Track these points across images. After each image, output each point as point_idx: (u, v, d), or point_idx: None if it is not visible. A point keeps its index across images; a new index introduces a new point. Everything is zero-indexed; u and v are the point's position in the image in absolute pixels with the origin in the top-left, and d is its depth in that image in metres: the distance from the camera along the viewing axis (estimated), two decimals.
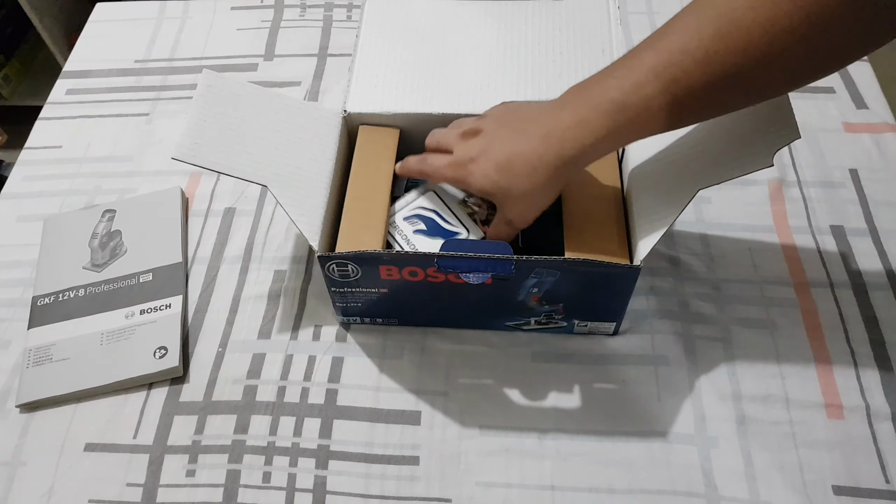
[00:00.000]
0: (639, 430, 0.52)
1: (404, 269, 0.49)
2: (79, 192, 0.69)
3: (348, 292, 0.53)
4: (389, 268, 0.49)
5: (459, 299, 0.52)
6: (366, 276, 0.50)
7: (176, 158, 0.46)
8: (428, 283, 0.50)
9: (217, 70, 0.77)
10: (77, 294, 0.60)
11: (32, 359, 0.56)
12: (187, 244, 0.64)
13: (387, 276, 0.50)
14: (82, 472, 0.52)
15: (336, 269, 0.50)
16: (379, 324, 0.57)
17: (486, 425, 0.53)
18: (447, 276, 0.49)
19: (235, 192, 0.67)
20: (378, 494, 0.50)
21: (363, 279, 0.51)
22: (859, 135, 0.68)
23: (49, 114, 0.76)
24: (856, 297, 0.57)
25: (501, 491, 0.50)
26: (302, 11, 0.84)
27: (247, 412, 0.54)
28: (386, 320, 0.57)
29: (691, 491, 0.49)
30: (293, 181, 0.50)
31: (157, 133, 0.73)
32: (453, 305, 0.53)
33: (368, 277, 0.50)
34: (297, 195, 0.50)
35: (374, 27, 0.62)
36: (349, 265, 0.49)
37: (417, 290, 0.51)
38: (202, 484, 0.51)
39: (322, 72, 0.77)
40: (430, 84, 0.58)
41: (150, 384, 0.56)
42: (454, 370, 0.55)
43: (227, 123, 0.50)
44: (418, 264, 0.48)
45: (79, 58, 0.81)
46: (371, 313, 0.56)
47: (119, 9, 0.86)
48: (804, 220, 0.62)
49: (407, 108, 0.56)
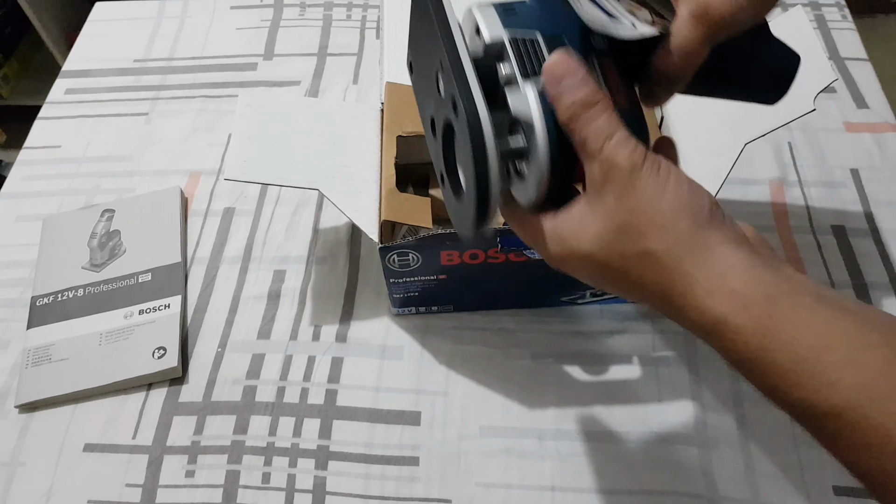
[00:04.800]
0: (639, 431, 0.51)
1: (465, 252, 0.50)
2: (78, 192, 0.68)
3: (408, 282, 0.53)
4: (450, 253, 0.50)
5: (516, 278, 0.53)
6: (426, 263, 0.51)
7: (228, 178, 0.49)
8: (487, 265, 0.51)
9: (216, 69, 0.78)
10: (76, 294, 0.59)
11: (31, 359, 0.56)
12: (186, 244, 0.64)
13: (447, 262, 0.51)
14: (81, 473, 0.52)
15: (397, 259, 0.51)
16: (434, 312, 0.58)
17: (487, 426, 0.52)
18: (507, 256, 0.50)
19: (235, 191, 0.67)
20: (378, 495, 0.50)
21: (423, 267, 0.52)
22: (860, 134, 0.68)
23: (48, 113, 0.76)
24: (857, 298, 0.57)
25: (501, 491, 0.50)
26: (301, 11, 0.83)
27: (246, 412, 0.54)
28: (442, 307, 0.57)
29: (692, 492, 0.49)
30: (343, 181, 0.52)
31: (157, 133, 0.73)
32: (510, 285, 0.54)
33: (428, 265, 0.51)
34: (348, 193, 0.51)
35: (395, 13, 0.62)
36: (410, 254, 0.50)
37: (476, 273, 0.52)
38: (201, 484, 0.51)
39: (322, 71, 0.77)
40: None
41: (150, 384, 0.56)
42: (454, 370, 0.55)
43: (271, 136, 0.52)
44: (479, 246, 0.49)
45: (78, 57, 0.81)
46: (427, 302, 0.57)
47: (118, 8, 0.86)
48: (805, 220, 0.62)
49: None
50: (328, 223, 0.65)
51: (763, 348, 0.27)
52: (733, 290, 0.28)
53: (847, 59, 0.74)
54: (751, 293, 0.28)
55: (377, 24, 0.82)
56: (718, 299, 0.28)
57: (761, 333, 0.27)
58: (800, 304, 0.28)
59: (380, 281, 0.59)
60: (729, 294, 0.28)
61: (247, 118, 0.52)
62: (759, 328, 0.28)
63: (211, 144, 0.71)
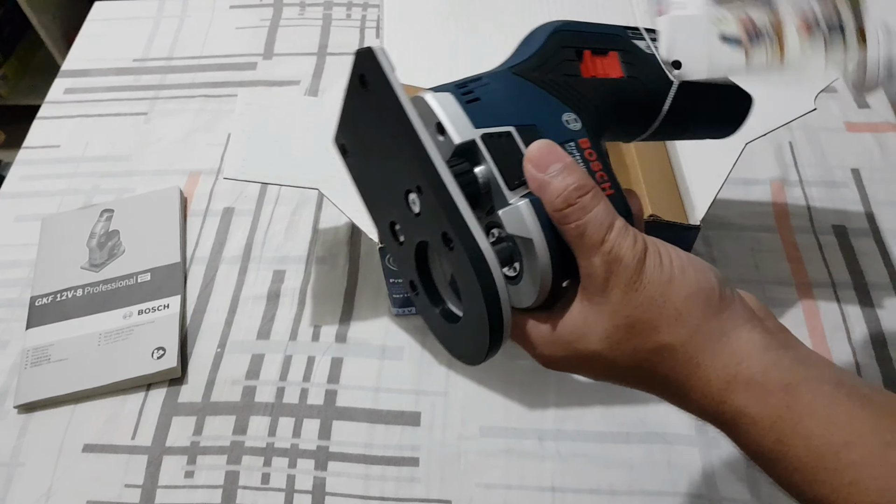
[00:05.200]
0: (640, 431, 0.51)
1: None
2: (77, 192, 0.68)
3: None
4: None
5: None
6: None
7: (227, 178, 0.48)
8: None
9: (216, 69, 0.78)
10: (75, 294, 0.59)
11: (30, 359, 0.56)
12: (186, 244, 0.64)
13: None
14: (81, 473, 0.52)
15: None
16: None
17: (487, 426, 0.52)
18: None
19: (234, 191, 0.67)
20: (378, 496, 0.50)
21: None
22: (861, 134, 0.68)
23: (47, 113, 0.75)
24: (858, 298, 0.57)
25: (502, 492, 0.49)
26: (301, 10, 0.83)
27: (246, 413, 0.54)
28: None
29: (692, 492, 0.49)
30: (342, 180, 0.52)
31: (156, 132, 0.73)
32: None
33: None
34: (348, 193, 0.50)
35: (396, 11, 0.62)
36: None
37: None
38: (201, 485, 0.51)
39: (321, 70, 0.76)
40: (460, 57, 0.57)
41: (149, 385, 0.55)
42: (454, 370, 0.55)
43: (270, 136, 0.52)
44: None
45: (77, 57, 0.81)
46: None
47: (117, 7, 0.86)
48: (806, 220, 0.62)
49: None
50: (328, 223, 0.64)
51: (781, 441, 0.26)
52: (750, 379, 0.27)
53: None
54: (768, 382, 0.27)
55: (377, 24, 0.82)
56: (735, 390, 0.27)
57: (779, 427, 0.26)
58: (819, 394, 0.26)
59: (380, 281, 0.59)
60: (745, 384, 0.27)
61: (246, 117, 0.52)
62: (777, 420, 0.26)
63: (210, 144, 0.71)
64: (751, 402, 0.27)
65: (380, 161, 0.31)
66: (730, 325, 0.28)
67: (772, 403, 0.27)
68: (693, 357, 0.28)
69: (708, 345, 0.28)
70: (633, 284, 0.28)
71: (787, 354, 0.28)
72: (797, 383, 0.27)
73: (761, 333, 0.28)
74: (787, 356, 0.27)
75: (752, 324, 0.28)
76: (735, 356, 0.27)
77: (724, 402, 0.28)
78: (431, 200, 0.27)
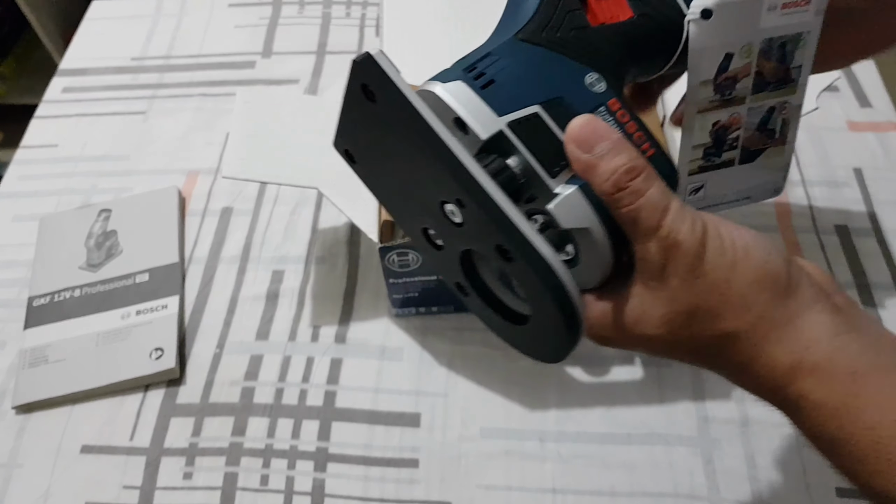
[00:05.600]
0: (641, 433, 0.51)
1: None
2: (75, 192, 0.68)
3: (408, 282, 0.53)
4: None
5: None
6: (426, 263, 0.50)
7: (226, 176, 0.48)
8: None
9: (214, 67, 0.77)
10: (73, 294, 0.59)
11: (28, 360, 0.55)
12: (184, 244, 0.63)
13: None
14: (78, 475, 0.51)
15: (396, 259, 0.49)
16: (434, 312, 0.57)
17: (487, 427, 0.52)
18: None
19: (233, 191, 0.67)
20: (377, 497, 0.49)
21: (422, 267, 0.51)
22: (864, 134, 0.67)
23: (45, 112, 0.75)
24: (860, 298, 0.57)
25: (502, 494, 0.49)
26: (300, 8, 0.83)
27: (244, 414, 0.53)
28: (442, 308, 0.57)
29: (694, 493, 0.49)
30: (342, 180, 0.51)
31: (154, 131, 0.72)
32: None
33: (428, 265, 0.50)
34: (348, 193, 0.50)
35: (396, 10, 0.61)
36: (410, 254, 0.49)
37: None
38: (199, 486, 0.50)
39: (321, 69, 0.76)
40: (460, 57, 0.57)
41: (147, 386, 0.55)
42: (454, 371, 0.55)
43: (269, 134, 0.52)
44: None
45: (75, 55, 0.80)
46: (427, 302, 0.56)
47: (116, 6, 0.86)
48: (808, 219, 0.62)
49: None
50: (327, 223, 0.64)
51: (843, 429, 0.26)
52: (815, 365, 0.26)
53: None
54: (834, 368, 0.26)
55: (377, 22, 0.81)
56: (800, 376, 0.26)
57: (843, 414, 0.26)
58: (886, 384, 0.26)
59: (379, 281, 0.59)
60: (811, 370, 0.26)
61: (245, 116, 0.52)
62: (840, 407, 0.26)
63: (209, 143, 0.71)
64: (815, 387, 0.26)
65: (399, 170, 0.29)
66: (796, 309, 0.27)
67: (837, 390, 0.26)
68: (757, 344, 0.27)
69: (773, 332, 0.26)
70: (693, 271, 0.26)
71: (857, 339, 0.26)
72: (864, 371, 0.26)
73: (830, 315, 0.27)
74: (856, 341, 0.26)
75: (820, 305, 0.27)
76: (801, 341, 0.26)
77: (787, 386, 0.26)
78: (477, 214, 0.25)
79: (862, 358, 0.26)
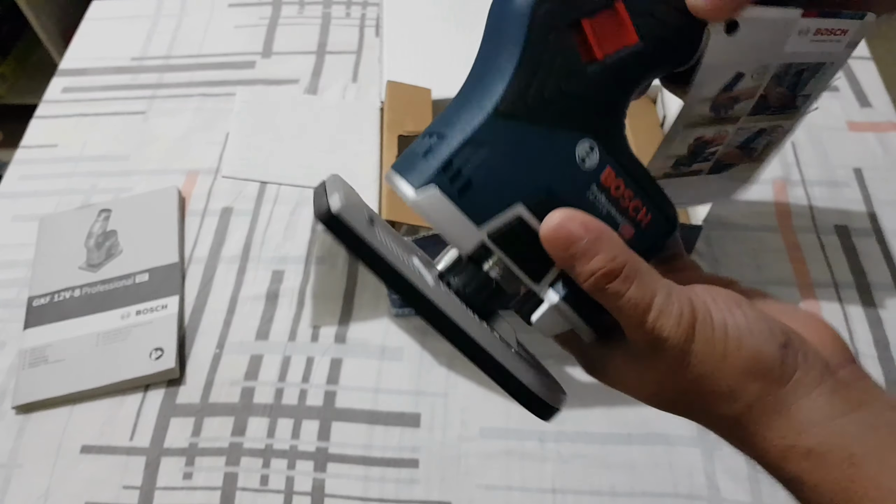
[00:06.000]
0: (641, 433, 0.51)
1: None
2: (75, 192, 0.68)
3: None
4: None
5: None
6: None
7: (226, 176, 0.48)
8: None
9: (214, 67, 0.77)
10: (73, 294, 0.59)
11: (28, 360, 0.55)
12: (184, 244, 0.63)
13: None
14: (78, 475, 0.51)
15: None
16: None
17: (487, 427, 0.52)
18: None
19: (233, 191, 0.67)
20: (377, 497, 0.49)
21: None
22: (863, 134, 0.67)
23: (45, 112, 0.75)
24: (860, 298, 0.57)
25: (502, 494, 0.49)
26: (300, 8, 0.83)
27: (244, 414, 0.53)
28: None
29: (694, 493, 0.48)
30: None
31: (154, 131, 0.72)
32: None
33: None
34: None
35: (396, 10, 0.62)
36: None
37: None
38: (199, 487, 0.50)
39: (321, 69, 0.76)
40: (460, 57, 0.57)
41: (147, 386, 0.55)
42: (454, 371, 0.55)
43: (270, 134, 0.52)
44: None
45: (75, 55, 0.80)
46: None
47: (116, 6, 0.86)
48: (808, 219, 0.62)
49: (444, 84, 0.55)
50: None
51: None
52: (810, 451, 0.25)
53: (850, 58, 0.74)
54: (829, 453, 0.25)
55: (377, 22, 0.81)
56: (793, 459, 0.25)
57: (842, 498, 0.25)
58: (887, 466, 0.25)
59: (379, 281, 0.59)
60: (805, 454, 0.25)
61: (245, 116, 0.52)
62: (839, 492, 0.25)
63: (209, 143, 0.71)
64: (812, 471, 0.25)
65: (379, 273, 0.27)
66: (793, 396, 0.26)
67: (833, 475, 0.25)
68: (748, 427, 0.26)
69: (764, 418, 0.26)
70: (680, 363, 0.26)
71: (857, 420, 0.25)
72: (863, 454, 0.25)
73: (828, 397, 0.26)
74: (854, 422, 0.25)
75: (819, 389, 0.26)
76: (794, 427, 0.26)
77: (782, 468, 0.26)
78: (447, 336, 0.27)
79: (861, 440, 0.25)
